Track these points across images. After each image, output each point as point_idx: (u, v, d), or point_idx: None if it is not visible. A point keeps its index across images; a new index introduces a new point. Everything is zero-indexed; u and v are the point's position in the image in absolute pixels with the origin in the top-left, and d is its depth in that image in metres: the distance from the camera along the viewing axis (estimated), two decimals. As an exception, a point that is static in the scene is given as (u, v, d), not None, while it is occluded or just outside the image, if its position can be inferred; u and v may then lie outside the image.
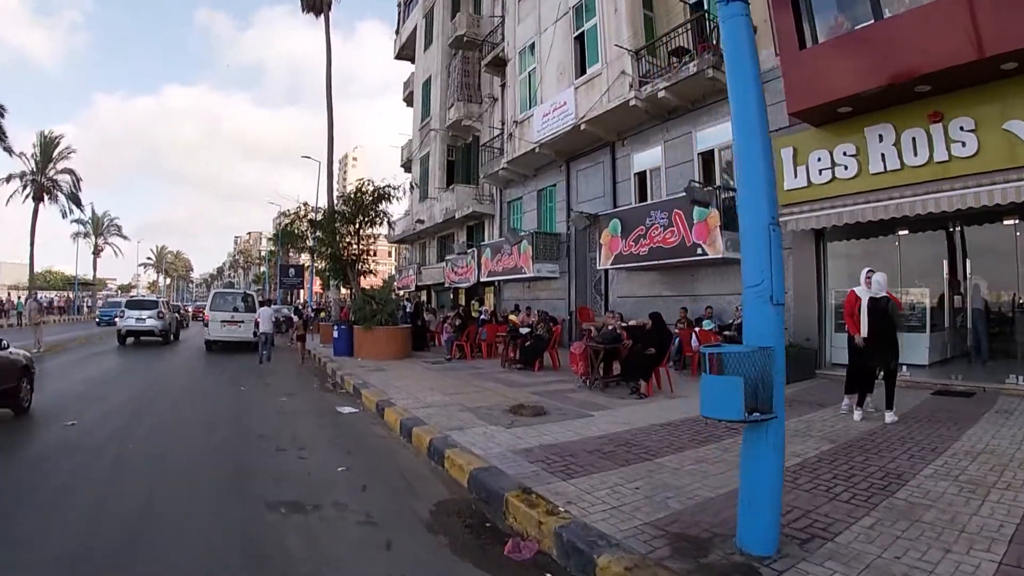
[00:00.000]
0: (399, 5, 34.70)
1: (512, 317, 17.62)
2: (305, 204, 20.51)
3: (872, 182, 10.26)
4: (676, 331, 12.62)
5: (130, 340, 20.31)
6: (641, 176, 16.40)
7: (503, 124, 22.22)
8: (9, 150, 36.75)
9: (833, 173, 11.08)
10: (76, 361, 15.19)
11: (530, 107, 18.77)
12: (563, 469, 5.18)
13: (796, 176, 11.57)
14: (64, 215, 48.07)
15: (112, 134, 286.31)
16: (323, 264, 19.57)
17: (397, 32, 34.95)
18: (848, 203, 10.52)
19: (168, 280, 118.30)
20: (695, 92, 14.01)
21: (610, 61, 15.46)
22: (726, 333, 12.07)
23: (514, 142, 19.40)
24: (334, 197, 21.88)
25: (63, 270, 75.01)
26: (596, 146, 17.47)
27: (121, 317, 20.50)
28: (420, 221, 27.63)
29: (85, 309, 62.33)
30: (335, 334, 15.93)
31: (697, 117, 14.50)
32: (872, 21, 9.77)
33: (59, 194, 46.57)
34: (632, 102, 14.70)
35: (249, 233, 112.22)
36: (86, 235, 63.09)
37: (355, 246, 17.98)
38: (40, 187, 44.53)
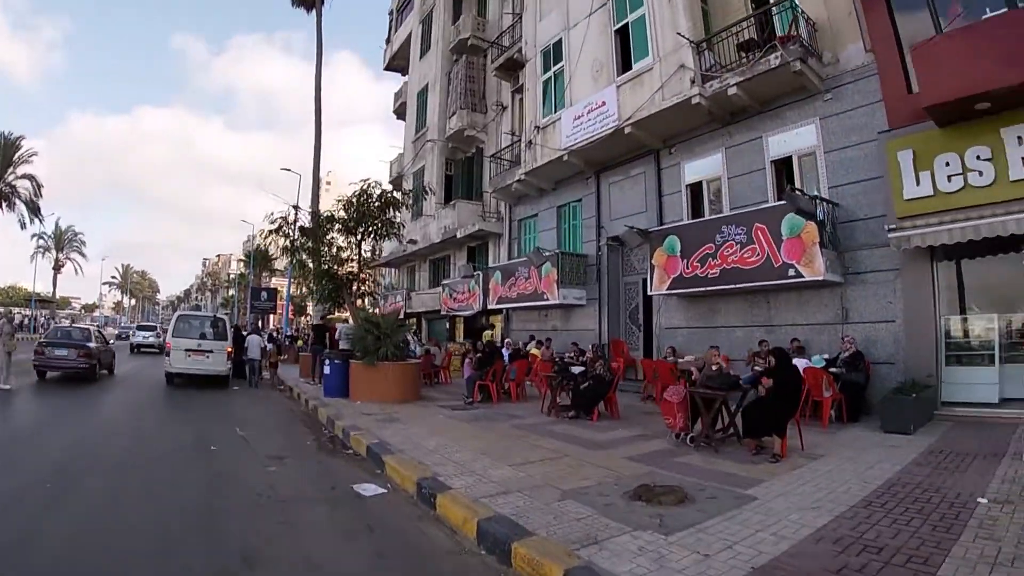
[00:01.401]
0: (390, 13, 32.39)
1: (534, 351, 14.91)
2: (296, 208, 17.45)
3: (1013, 191, 8.60)
4: (758, 369, 10.11)
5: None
6: (695, 188, 13.97)
7: (515, 133, 19.85)
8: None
9: (965, 180, 9.09)
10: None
11: (555, 111, 16.31)
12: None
13: (919, 183, 9.47)
14: (23, 226, 44.08)
15: (83, 152, 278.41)
16: (310, 283, 16.40)
17: (388, 41, 32.55)
18: (986, 214, 8.64)
19: (133, 301, 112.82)
20: (770, 90, 11.87)
21: (664, 55, 13.16)
22: (832, 370, 9.85)
23: (534, 150, 16.87)
24: (319, 207, 18.75)
25: (27, 286, 69.72)
26: (636, 155, 15.10)
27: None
28: (412, 241, 24.81)
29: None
30: (326, 369, 12.88)
31: (767, 120, 12.38)
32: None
33: (17, 201, 42.65)
34: (695, 100, 12.45)
35: (218, 255, 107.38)
36: (47, 250, 58.69)
37: (354, 262, 15.11)
38: (-3, 193, 40.54)
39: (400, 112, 30.43)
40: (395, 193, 15.07)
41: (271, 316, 46.52)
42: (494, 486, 5.66)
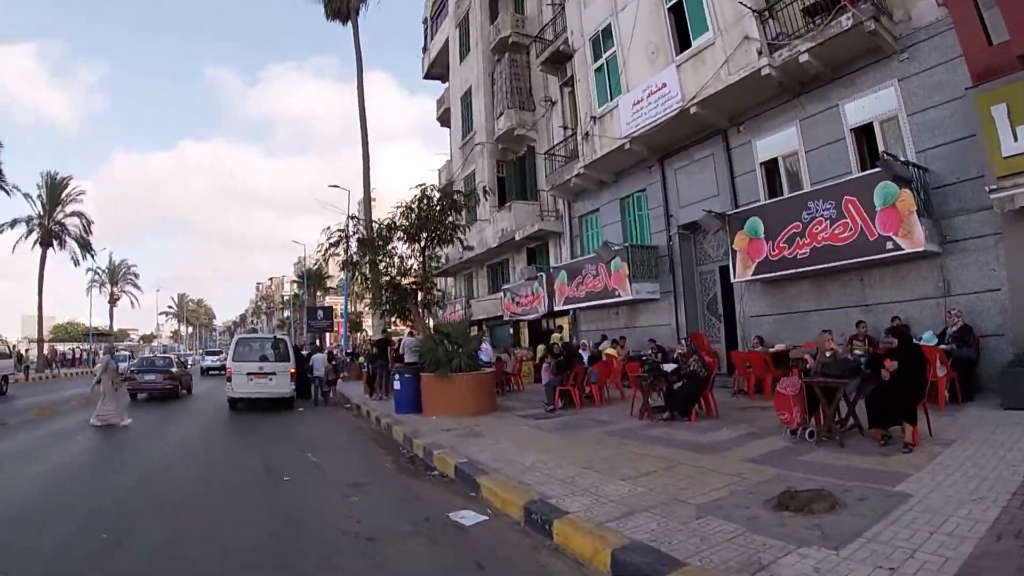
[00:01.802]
0: (424, 22, 32.07)
1: (609, 351, 14.10)
2: (354, 218, 16.94)
3: None
4: (857, 353, 9.21)
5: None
6: (769, 166, 12.98)
7: (568, 127, 19.10)
8: (5, 189, 34.26)
9: (1072, 132, 7.95)
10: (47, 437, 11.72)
11: (611, 98, 15.51)
12: None
13: (1016, 138, 8.34)
14: (76, 263, 45.41)
15: (129, 189, 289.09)
16: (373, 296, 15.97)
17: (424, 50, 32.25)
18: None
19: (190, 329, 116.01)
20: (843, 55, 10.95)
21: (725, 27, 12.33)
22: (943, 347, 8.88)
23: (592, 142, 16.09)
24: (371, 217, 18.12)
25: (84, 321, 72.38)
26: (702, 136, 14.19)
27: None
28: (469, 248, 24.24)
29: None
30: (396, 384, 12.35)
31: (841, 87, 11.41)
32: None
33: (68, 239, 43.98)
34: (764, 71, 11.53)
35: (271, 278, 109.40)
36: (102, 284, 60.80)
37: (419, 270, 14.55)
38: (48, 232, 41.70)
39: (444, 119, 30.05)
40: (459, 192, 14.34)
41: (327, 334, 46.77)
42: (614, 506, 4.89)
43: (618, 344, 14.57)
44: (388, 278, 14.36)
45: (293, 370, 15.11)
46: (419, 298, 14.56)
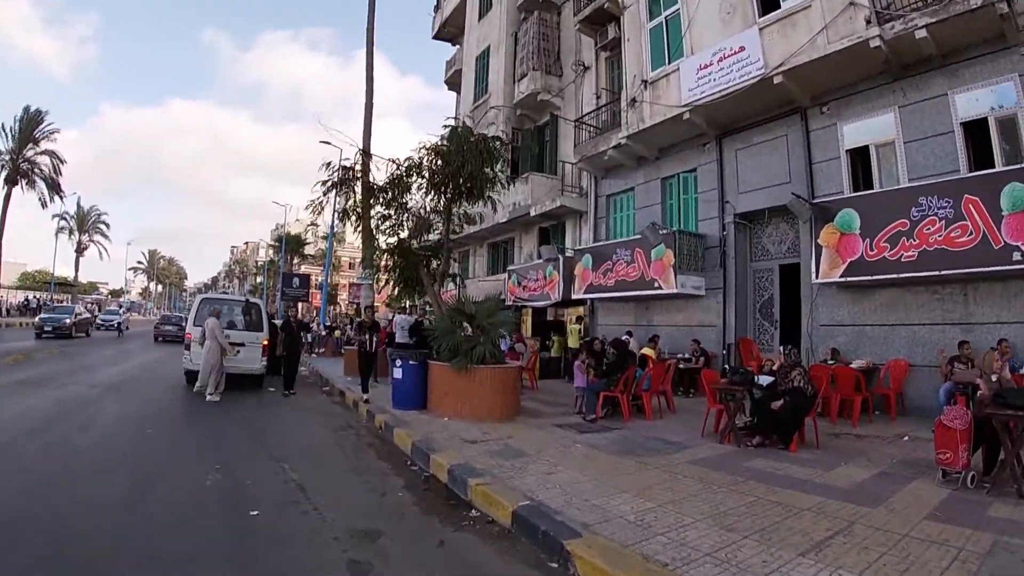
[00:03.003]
0: (438, -24, 29.60)
1: (647, 351, 12.13)
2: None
3: None
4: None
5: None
6: (856, 154, 11.09)
7: (601, 95, 17.04)
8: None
9: None
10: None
11: (669, 61, 13.42)
12: None
13: None
14: (44, 204, 42.09)
15: (115, 142, 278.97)
16: (383, 261, 13.30)
17: (437, 8, 29.66)
18: None
19: (160, 288, 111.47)
20: (960, 37, 9.30)
21: (824, -12, 10.36)
22: None
23: (639, 110, 13.98)
24: (370, 157, 13.21)
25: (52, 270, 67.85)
26: (775, 114, 12.24)
27: None
28: (458, 227, 22.03)
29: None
30: (396, 372, 10.00)
31: (947, 75, 9.71)
32: None
33: (37, 179, 40.64)
34: (873, 43, 9.67)
35: (246, 243, 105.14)
36: (70, 232, 56.46)
37: (436, 231, 12.29)
38: (16, 168, 38.39)
39: (454, 82, 27.64)
40: (495, 141, 11.52)
41: (299, 304, 44.05)
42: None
43: (653, 344, 12.61)
44: (398, 238, 12.04)
45: (266, 341, 12.51)
46: (431, 267, 12.26)
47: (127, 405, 9.76)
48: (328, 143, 30.16)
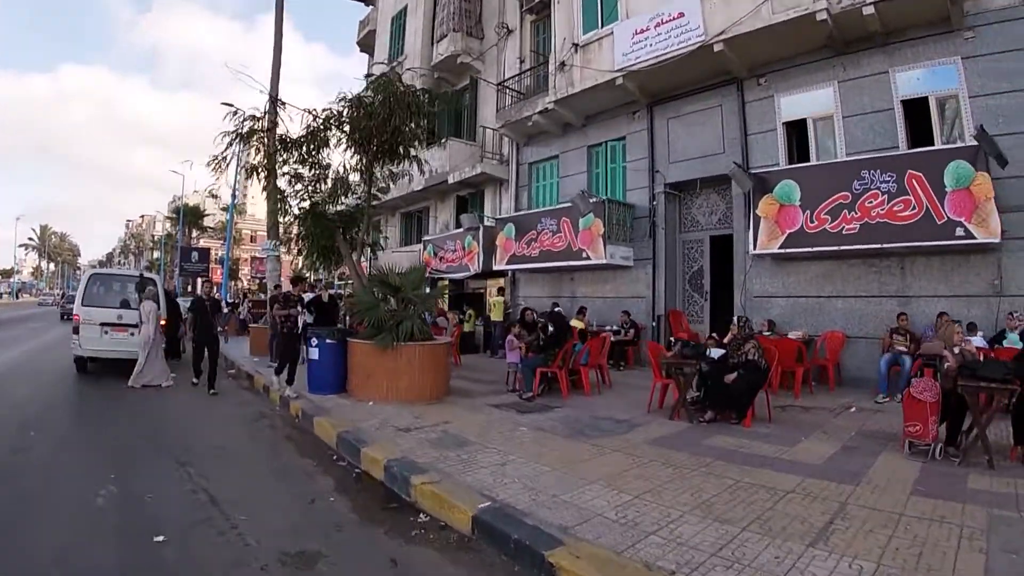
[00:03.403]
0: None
1: (576, 323, 11.66)
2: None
3: None
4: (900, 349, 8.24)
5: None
6: (792, 127, 10.97)
7: (525, 59, 16.30)
8: None
9: None
10: None
11: (601, 25, 12.82)
12: None
13: None
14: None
15: (3, 111, 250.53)
16: (298, 229, 11.86)
17: (352, -37, 27.85)
18: None
19: (53, 266, 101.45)
20: (907, 17, 9.40)
21: (773, -41, 10.08)
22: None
23: (568, 74, 13.33)
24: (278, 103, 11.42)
25: None
26: (710, 84, 11.98)
27: None
28: (381, 189, 20.83)
29: None
30: (312, 352, 8.88)
31: (889, 54, 9.79)
32: None
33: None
34: (820, 16, 9.49)
35: (142, 216, 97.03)
36: None
37: (361, 193, 11.10)
38: None
39: (367, 43, 26.01)
40: (421, 94, 10.47)
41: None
42: None
43: (581, 316, 12.16)
44: (311, 202, 10.84)
45: (164, 321, 10.93)
46: (350, 234, 11.21)
47: (3, 402, 8.21)
48: (230, 104, 27.53)
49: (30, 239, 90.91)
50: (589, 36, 12.99)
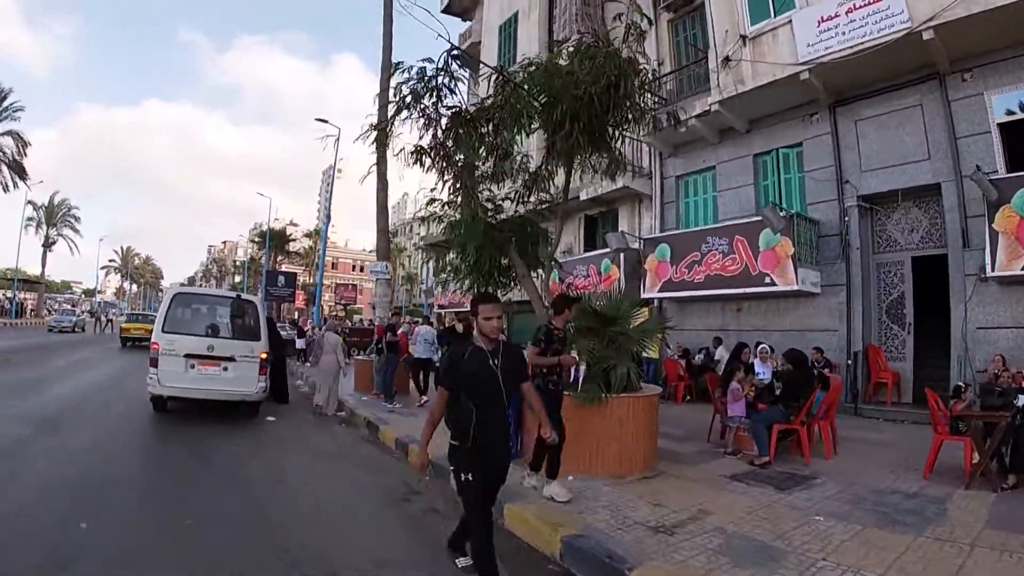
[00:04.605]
0: (450, -59, 26.97)
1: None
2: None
3: None
4: None
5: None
6: (1012, 128, 9.25)
7: (663, 61, 14.98)
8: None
9: None
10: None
11: (774, 13, 11.36)
12: None
13: None
14: (5, 188, 38.64)
15: (91, 142, 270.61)
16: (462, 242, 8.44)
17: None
18: None
19: (135, 287, 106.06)
20: None
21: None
22: None
23: (736, 70, 11.88)
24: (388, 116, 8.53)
25: (26, 270, 61.61)
26: (905, 81, 10.40)
27: None
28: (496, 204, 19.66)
29: (29, 311, 51.85)
30: None
31: None
32: None
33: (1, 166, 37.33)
34: None
35: (224, 242, 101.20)
36: (38, 224, 51.21)
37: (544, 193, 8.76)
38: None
39: (462, 58, 25.30)
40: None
41: (285, 304, 41.32)
42: None
43: (767, 355, 10.56)
44: (478, 205, 8.16)
45: (264, 354, 9.23)
46: (531, 247, 8.74)
47: (58, 460, 6.39)
48: (324, 120, 27.23)
49: (111, 260, 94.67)
50: (760, 27, 11.53)
